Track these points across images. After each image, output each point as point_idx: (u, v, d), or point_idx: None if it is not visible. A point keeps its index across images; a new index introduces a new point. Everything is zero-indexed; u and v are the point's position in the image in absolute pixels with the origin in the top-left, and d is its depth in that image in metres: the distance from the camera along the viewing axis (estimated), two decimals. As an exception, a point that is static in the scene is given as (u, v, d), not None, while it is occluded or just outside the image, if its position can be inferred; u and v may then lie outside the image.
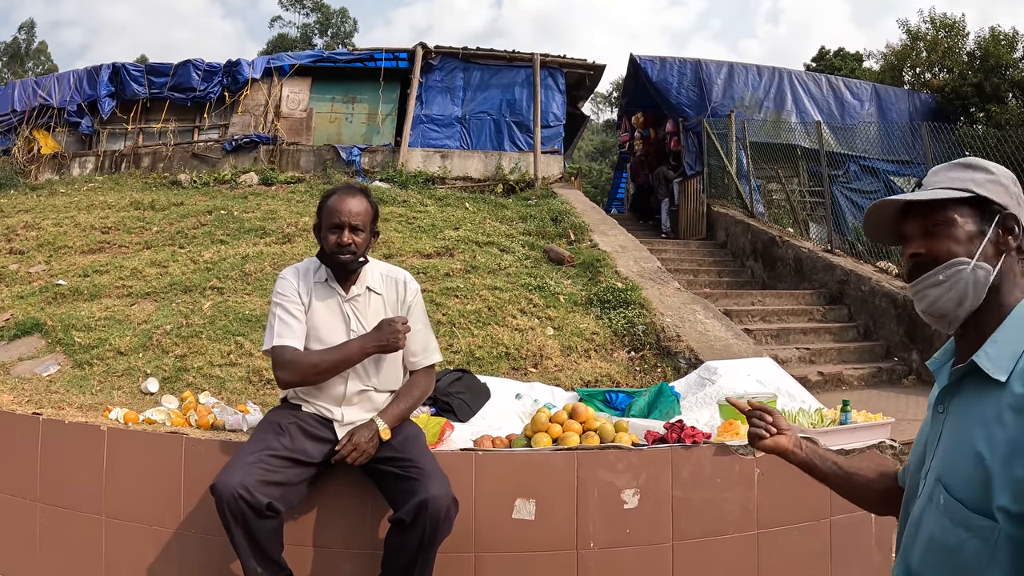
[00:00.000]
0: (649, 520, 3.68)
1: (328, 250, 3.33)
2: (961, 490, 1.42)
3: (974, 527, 1.37)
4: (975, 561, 1.37)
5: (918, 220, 1.61)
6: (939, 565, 1.46)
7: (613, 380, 6.51)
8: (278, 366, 3.28)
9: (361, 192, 3.44)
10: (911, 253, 1.61)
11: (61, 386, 6.04)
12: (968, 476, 1.41)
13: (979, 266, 1.52)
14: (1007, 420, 1.36)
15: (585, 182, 23.49)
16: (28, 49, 47.45)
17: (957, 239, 1.55)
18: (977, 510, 1.37)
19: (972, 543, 1.37)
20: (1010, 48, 19.21)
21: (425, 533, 3.02)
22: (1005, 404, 1.38)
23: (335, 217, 3.31)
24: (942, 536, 1.45)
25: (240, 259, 8.95)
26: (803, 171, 15.44)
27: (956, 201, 1.57)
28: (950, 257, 1.54)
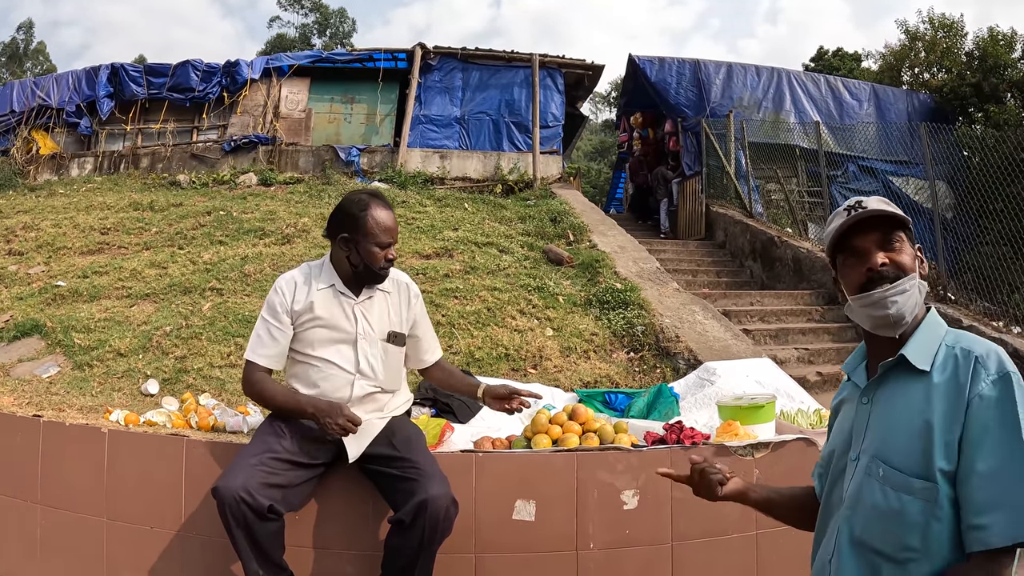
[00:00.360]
0: (649, 521, 3.68)
1: (376, 266, 3.33)
2: (900, 461, 1.74)
3: (915, 490, 1.69)
4: (919, 518, 1.68)
5: (876, 234, 1.89)
6: (883, 528, 1.75)
7: (612, 381, 6.52)
8: (244, 380, 3.38)
9: (390, 204, 3.45)
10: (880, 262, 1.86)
11: (61, 388, 6.05)
12: (906, 448, 1.73)
13: (921, 283, 1.87)
14: (934, 401, 1.72)
15: (584, 182, 23.51)
16: (27, 49, 47.38)
17: (910, 255, 1.88)
18: (916, 475, 1.70)
19: (914, 504, 1.69)
20: (1008, 48, 19.21)
21: (425, 534, 3.03)
22: (932, 389, 1.74)
23: (386, 236, 3.32)
24: (884, 502, 1.74)
25: (239, 260, 8.96)
26: (802, 171, 15.47)
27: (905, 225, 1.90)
28: (909, 271, 1.86)
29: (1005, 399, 1.65)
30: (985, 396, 1.66)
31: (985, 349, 1.74)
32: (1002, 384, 1.67)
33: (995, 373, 1.68)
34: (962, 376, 1.72)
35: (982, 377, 1.69)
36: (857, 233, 1.90)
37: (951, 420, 1.68)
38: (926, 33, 21.64)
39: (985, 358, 1.71)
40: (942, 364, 1.77)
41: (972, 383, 1.69)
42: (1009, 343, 7.76)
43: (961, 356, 1.75)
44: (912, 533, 1.69)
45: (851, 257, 1.92)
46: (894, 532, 1.72)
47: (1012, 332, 8.19)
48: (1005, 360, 1.71)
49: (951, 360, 1.76)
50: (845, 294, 1.97)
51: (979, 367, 1.70)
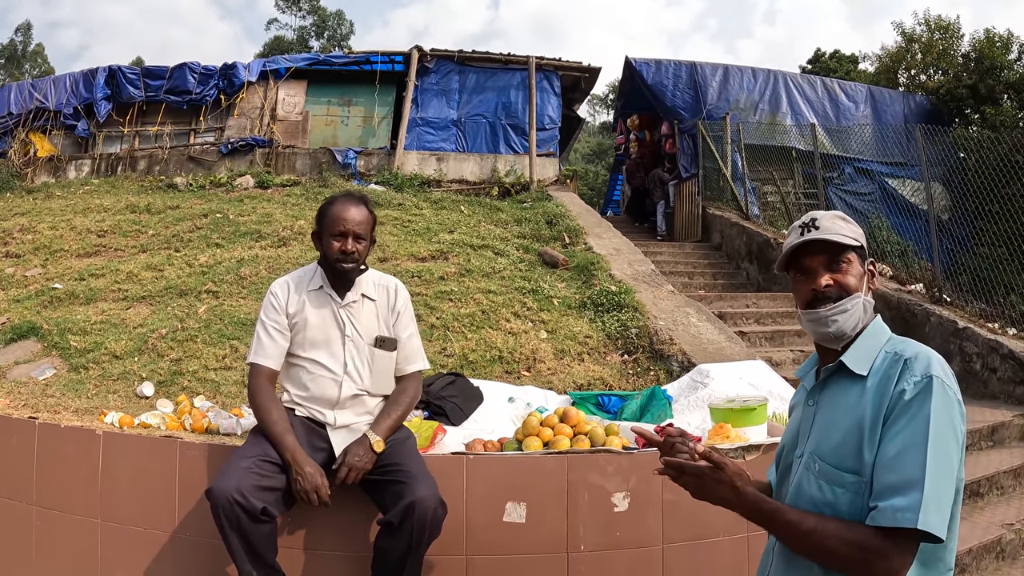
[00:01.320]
0: (639, 523, 3.71)
1: (331, 258, 3.38)
2: (834, 457, 1.87)
3: (846, 483, 1.81)
4: (849, 509, 1.79)
5: (822, 257, 2.01)
6: None
7: (606, 383, 6.53)
8: (248, 385, 3.42)
9: (362, 200, 3.50)
10: (824, 284, 1.99)
11: (57, 390, 6.06)
12: (840, 445, 1.86)
13: (867, 300, 2.00)
14: (866, 401, 1.84)
15: (581, 184, 23.56)
16: (24, 51, 47.36)
17: (855, 276, 2.00)
18: (847, 470, 1.82)
19: (845, 496, 1.81)
20: (1005, 50, 19.22)
21: (413, 535, 3.06)
22: (865, 391, 1.87)
23: (339, 225, 3.37)
24: (820, 495, 1.87)
25: (235, 263, 8.97)
26: (798, 173, 15.49)
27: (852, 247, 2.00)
28: (854, 291, 1.98)
29: (921, 398, 1.74)
30: (904, 393, 1.77)
31: (915, 352, 1.85)
32: (923, 384, 1.76)
33: (919, 375, 1.78)
34: (891, 377, 1.83)
35: (906, 377, 1.79)
36: (806, 253, 2.03)
37: (877, 417, 1.80)
38: (922, 35, 21.68)
39: (913, 360, 1.82)
40: (877, 368, 1.89)
41: (897, 382, 1.80)
42: (1005, 344, 7.78)
43: (893, 359, 1.87)
44: None
45: (800, 275, 2.06)
46: None
47: (1008, 333, 8.21)
48: (934, 364, 1.80)
49: (885, 363, 1.88)
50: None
51: (906, 368, 1.81)
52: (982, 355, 8.00)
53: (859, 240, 2.02)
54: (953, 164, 11.44)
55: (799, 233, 2.04)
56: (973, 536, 5.03)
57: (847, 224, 2.03)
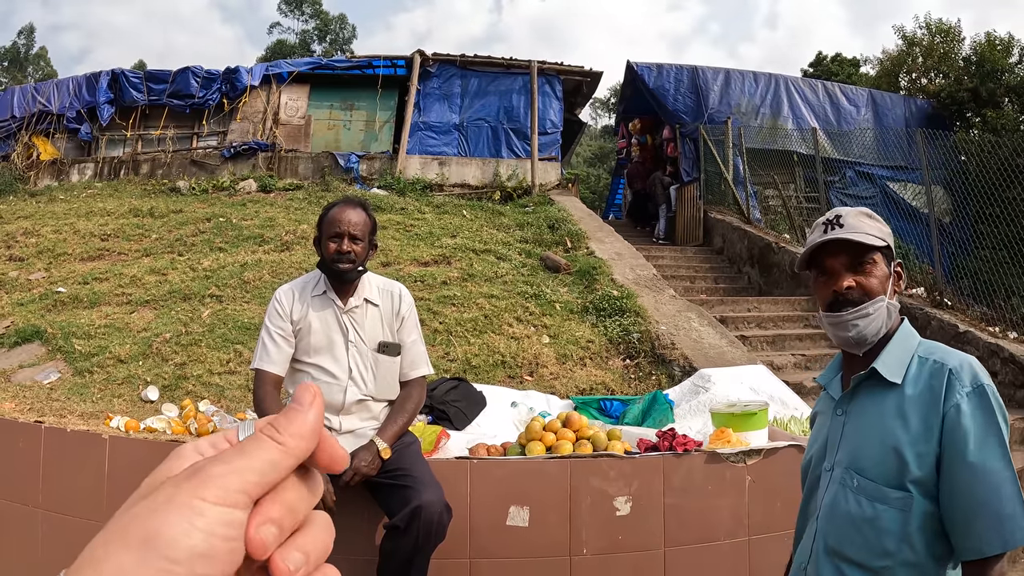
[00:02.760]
0: (641, 527, 3.73)
1: (328, 258, 3.42)
2: (874, 471, 1.79)
3: (890, 499, 1.75)
4: (893, 527, 1.73)
5: (845, 257, 1.93)
6: (858, 537, 1.80)
7: (608, 388, 6.55)
8: (254, 391, 3.47)
9: (360, 204, 3.54)
10: (846, 286, 1.90)
11: (62, 394, 6.08)
12: (880, 459, 1.79)
13: (891, 303, 1.91)
14: (908, 413, 1.77)
15: (583, 188, 23.54)
16: (27, 54, 47.47)
17: (879, 278, 1.91)
18: (890, 485, 1.76)
19: (889, 513, 1.74)
20: (1006, 53, 19.24)
21: (419, 539, 3.09)
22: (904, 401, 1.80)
23: (335, 227, 3.41)
24: (859, 512, 1.79)
25: (239, 267, 9.00)
26: (800, 177, 15.48)
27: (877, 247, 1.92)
28: (877, 294, 1.89)
29: (981, 410, 1.69)
30: (962, 408, 1.70)
31: (959, 361, 1.78)
32: (977, 397, 1.71)
33: (970, 385, 1.72)
34: (936, 388, 1.76)
35: (956, 389, 1.72)
36: (829, 252, 1.94)
37: (925, 432, 1.74)
38: (923, 38, 21.68)
39: (959, 370, 1.75)
40: (915, 376, 1.82)
41: (947, 395, 1.73)
42: (1005, 348, 7.80)
43: (935, 368, 1.79)
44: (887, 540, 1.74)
45: (821, 276, 1.97)
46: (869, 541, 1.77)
47: (1009, 337, 8.22)
48: (979, 372, 1.76)
49: (924, 372, 1.81)
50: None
51: (953, 379, 1.74)
52: (983, 359, 7.97)
53: (885, 240, 1.93)
54: (954, 168, 11.44)
55: (822, 230, 1.95)
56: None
57: (874, 222, 1.96)
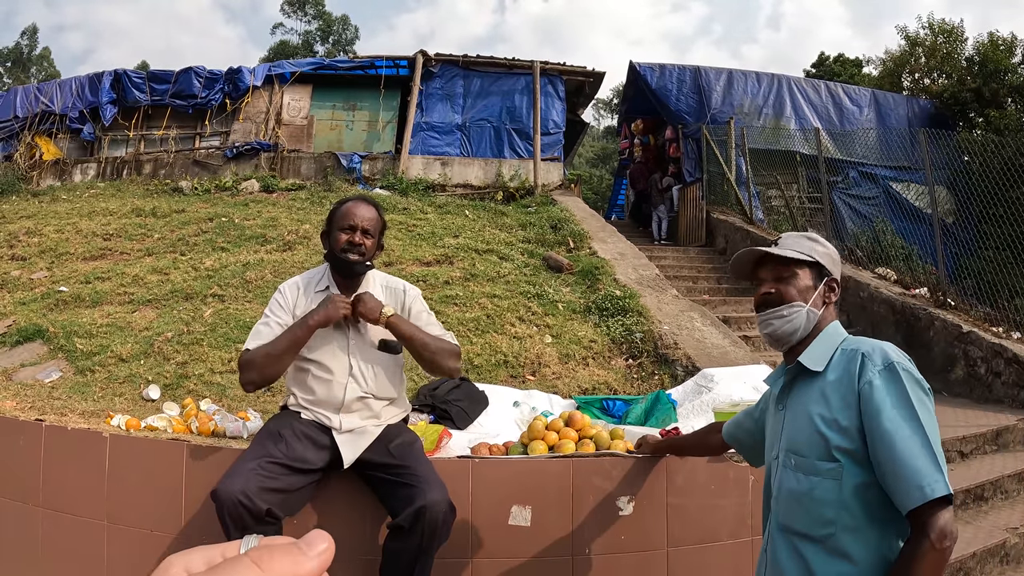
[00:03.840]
0: (644, 527, 3.71)
1: (337, 248, 3.39)
2: (807, 449, 2.05)
3: (822, 471, 1.99)
4: (827, 495, 1.97)
5: (773, 269, 2.26)
6: (800, 509, 2.04)
7: (611, 388, 6.54)
8: (239, 371, 3.34)
9: (372, 203, 3.54)
10: (763, 292, 2.25)
11: (63, 392, 6.08)
12: (810, 438, 2.04)
13: (811, 309, 2.18)
14: (829, 395, 2.04)
15: (586, 188, 23.54)
16: (30, 55, 47.52)
17: (798, 288, 2.21)
18: (820, 459, 2.00)
19: (823, 483, 1.98)
20: (1009, 53, 19.22)
21: (423, 539, 3.07)
22: (826, 385, 2.06)
23: (348, 219, 3.41)
24: (798, 486, 2.05)
25: (241, 267, 9.00)
26: (802, 177, 15.47)
27: (801, 262, 2.23)
28: (792, 300, 2.19)
29: (892, 382, 1.93)
30: (875, 384, 1.94)
31: (871, 346, 2.04)
32: (887, 372, 1.95)
33: (881, 364, 1.97)
34: (852, 370, 2.01)
35: (868, 368, 1.97)
36: (761, 266, 2.30)
37: (845, 408, 1.98)
38: (926, 39, 21.66)
39: (871, 353, 2.01)
40: (836, 364, 2.09)
41: (860, 374, 1.98)
42: (1009, 348, 7.78)
43: (851, 355, 2.05)
44: (825, 509, 1.97)
45: (756, 283, 2.31)
46: (810, 513, 2.01)
47: (1012, 337, 8.21)
48: (891, 353, 2.00)
49: (843, 359, 2.08)
50: None
51: (866, 360, 1.99)
52: (986, 359, 7.99)
53: (814, 257, 2.23)
54: (957, 168, 11.44)
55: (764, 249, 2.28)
56: (977, 540, 5.02)
57: (811, 243, 2.27)
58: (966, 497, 5.64)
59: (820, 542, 1.98)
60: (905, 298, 9.43)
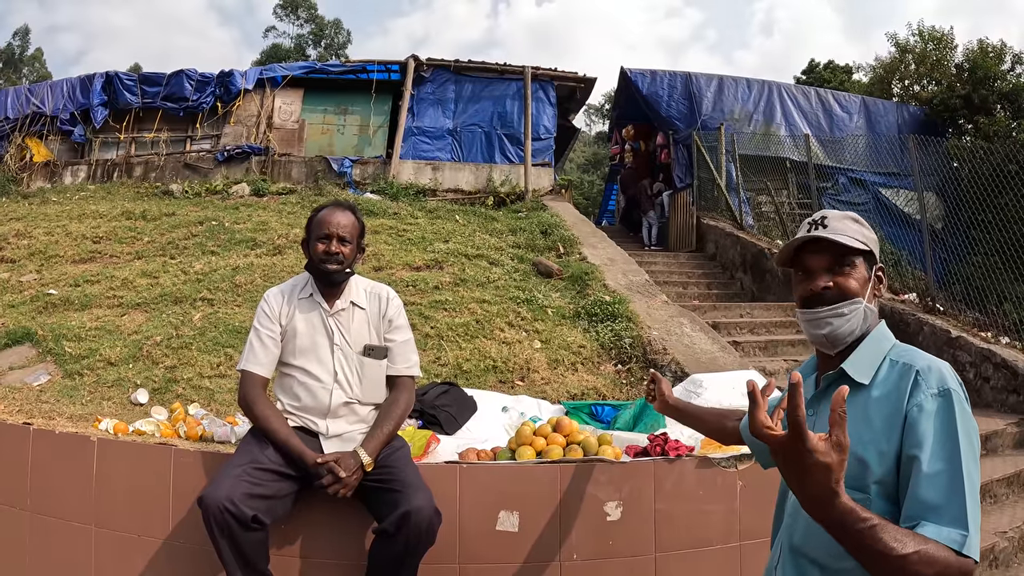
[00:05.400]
0: (632, 532, 3.72)
1: (315, 259, 3.43)
2: None
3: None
4: None
5: (826, 257, 1.94)
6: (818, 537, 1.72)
7: (599, 393, 6.54)
8: (240, 393, 3.43)
9: (349, 207, 3.55)
10: (823, 286, 1.92)
11: (51, 396, 6.06)
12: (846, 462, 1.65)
13: (868, 307, 1.91)
14: (872, 415, 1.77)
15: (577, 193, 23.59)
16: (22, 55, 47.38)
17: (858, 281, 1.91)
18: (851, 487, 1.65)
19: None
20: (998, 60, 19.36)
21: (408, 544, 3.07)
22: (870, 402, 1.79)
23: (323, 228, 3.43)
24: None
25: (231, 271, 8.98)
26: (792, 183, 15.55)
27: (859, 251, 1.93)
28: (854, 295, 1.90)
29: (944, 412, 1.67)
30: (924, 409, 1.69)
31: (927, 363, 1.77)
32: (942, 400, 1.69)
33: (936, 388, 1.71)
34: (902, 388, 1.75)
35: (922, 390, 1.72)
36: (810, 252, 1.96)
37: (887, 430, 1.73)
38: (916, 46, 21.80)
39: (927, 372, 1.75)
40: (883, 378, 1.82)
41: (911, 395, 1.72)
42: (997, 353, 7.81)
43: (902, 370, 1.79)
44: None
45: (801, 273, 1.99)
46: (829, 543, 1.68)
47: (1001, 342, 8.24)
48: (948, 376, 1.74)
49: (894, 374, 1.81)
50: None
51: (920, 379, 1.73)
52: (975, 364, 8.02)
53: (868, 244, 1.95)
54: (947, 174, 11.47)
55: (807, 229, 1.98)
56: (966, 545, 5.04)
57: (858, 226, 1.98)
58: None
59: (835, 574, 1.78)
60: (894, 303, 9.46)
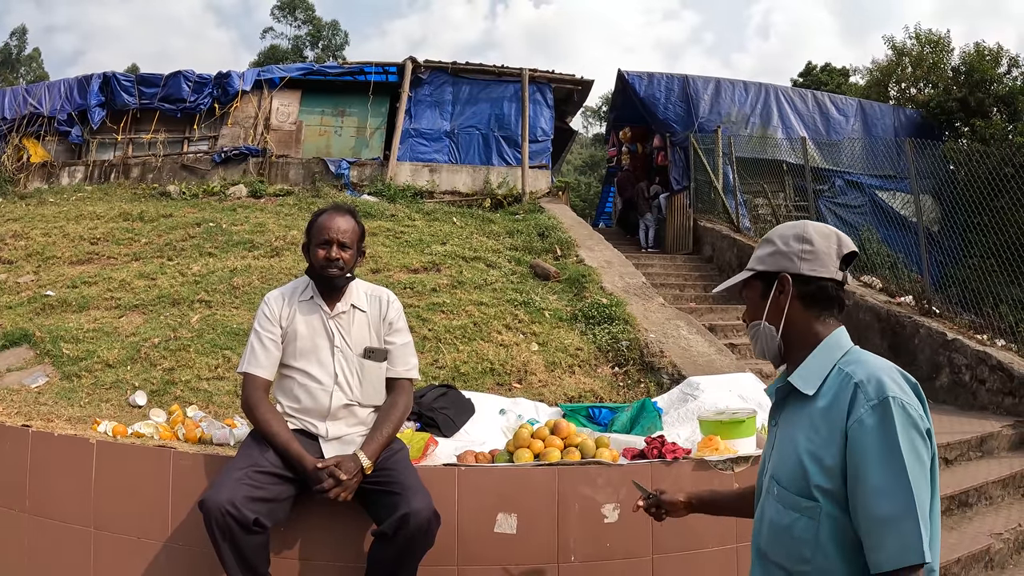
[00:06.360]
0: (629, 534, 3.73)
1: (316, 265, 3.45)
2: (789, 481, 1.91)
3: (801, 508, 1.85)
4: (806, 534, 1.84)
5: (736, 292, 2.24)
6: (779, 542, 1.93)
7: (597, 395, 6.55)
8: (243, 396, 3.44)
9: (349, 212, 3.56)
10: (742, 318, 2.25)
11: (49, 398, 6.06)
12: (793, 469, 1.90)
13: (767, 326, 2.09)
14: (818, 425, 1.87)
15: (574, 195, 23.59)
16: (19, 55, 47.24)
17: (754, 305, 2.15)
18: (801, 495, 1.86)
19: (801, 521, 1.85)
20: (994, 63, 19.39)
21: (407, 546, 3.09)
22: (815, 412, 1.90)
23: (324, 234, 3.44)
24: (778, 518, 1.93)
25: (228, 272, 8.97)
26: (789, 186, 15.59)
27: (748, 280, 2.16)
28: (752, 320, 2.15)
29: (884, 423, 1.74)
30: (864, 423, 1.76)
31: (867, 374, 1.83)
32: (881, 410, 1.75)
33: (875, 398, 1.77)
34: (842, 402, 1.83)
35: (860, 403, 1.78)
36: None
37: (830, 444, 1.82)
38: (913, 49, 21.84)
39: (865, 383, 1.81)
40: (829, 387, 1.91)
41: (851, 410, 1.79)
42: (993, 355, 7.83)
43: (844, 381, 1.86)
44: (803, 547, 1.85)
45: None
46: (788, 548, 1.90)
47: (996, 345, 8.26)
48: (887, 385, 1.79)
49: (836, 384, 1.89)
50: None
51: (858, 392, 1.80)
52: (971, 366, 8.04)
53: (755, 267, 2.13)
54: (943, 177, 11.50)
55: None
56: (962, 546, 5.06)
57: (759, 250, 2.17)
58: (951, 503, 5.68)
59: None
60: (890, 306, 9.48)
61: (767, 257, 2.10)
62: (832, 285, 2.03)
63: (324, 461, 3.24)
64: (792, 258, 2.05)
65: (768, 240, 2.14)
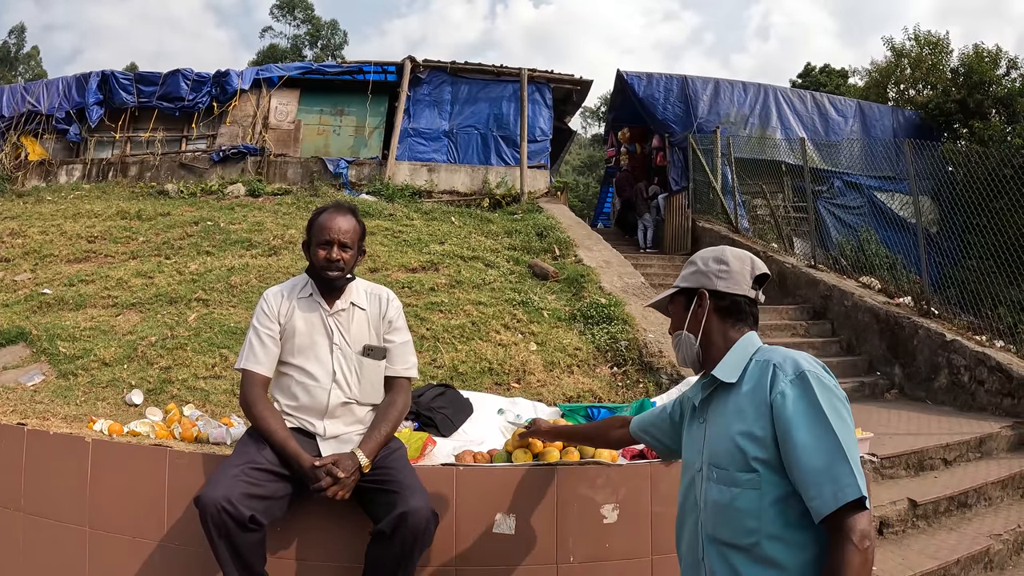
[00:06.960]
0: (628, 535, 3.71)
1: (317, 265, 3.43)
2: (727, 461, 2.10)
3: (741, 482, 2.05)
4: (748, 504, 2.02)
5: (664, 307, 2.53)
6: (724, 520, 2.10)
7: (595, 395, 6.53)
8: (242, 392, 3.42)
9: (350, 211, 3.54)
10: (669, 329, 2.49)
11: (46, 396, 6.02)
12: (729, 450, 2.10)
13: (687, 335, 2.34)
14: (744, 406, 2.11)
15: (572, 196, 23.56)
16: (18, 54, 47.21)
17: (677, 317, 2.43)
18: (740, 469, 2.06)
19: (744, 494, 2.04)
20: (993, 65, 19.39)
21: (404, 545, 3.07)
22: (741, 397, 2.14)
23: (325, 234, 3.42)
24: (721, 498, 2.10)
25: (226, 271, 8.95)
26: (788, 187, 15.57)
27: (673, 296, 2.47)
28: (674, 330, 2.44)
29: (804, 391, 2.00)
30: (786, 394, 2.01)
31: (783, 357, 2.11)
32: (799, 381, 2.02)
33: (792, 374, 2.04)
34: (763, 382, 2.08)
35: (780, 379, 2.04)
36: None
37: (759, 419, 2.05)
38: (912, 50, 21.85)
39: (782, 363, 2.08)
40: (750, 375, 2.17)
41: (772, 386, 2.05)
42: (992, 356, 7.83)
43: (763, 366, 2.13)
44: (747, 519, 2.02)
45: None
46: (733, 523, 2.07)
47: (995, 346, 8.27)
48: (802, 362, 2.06)
49: (756, 370, 2.15)
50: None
51: (777, 371, 2.07)
52: (970, 367, 8.04)
53: (680, 284, 2.43)
54: (942, 178, 11.50)
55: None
56: (961, 547, 5.06)
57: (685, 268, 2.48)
58: (950, 504, 5.68)
59: (746, 551, 2.03)
60: (889, 307, 9.48)
61: (689, 276, 2.41)
62: (745, 301, 2.32)
63: (321, 459, 3.22)
64: (710, 276, 2.35)
65: (691, 262, 2.45)
